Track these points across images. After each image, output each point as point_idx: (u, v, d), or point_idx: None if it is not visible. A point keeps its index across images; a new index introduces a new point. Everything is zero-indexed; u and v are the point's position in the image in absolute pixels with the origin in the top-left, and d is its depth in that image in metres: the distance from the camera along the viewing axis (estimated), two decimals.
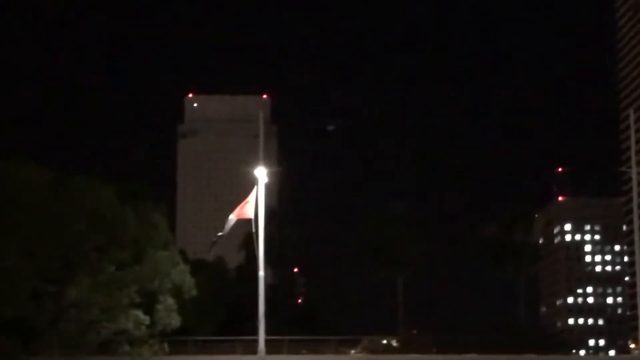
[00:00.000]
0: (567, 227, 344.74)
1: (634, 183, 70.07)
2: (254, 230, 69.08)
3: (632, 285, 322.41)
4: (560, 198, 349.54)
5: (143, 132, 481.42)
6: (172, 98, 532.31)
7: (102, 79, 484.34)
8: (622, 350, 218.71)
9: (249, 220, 66.38)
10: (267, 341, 74.46)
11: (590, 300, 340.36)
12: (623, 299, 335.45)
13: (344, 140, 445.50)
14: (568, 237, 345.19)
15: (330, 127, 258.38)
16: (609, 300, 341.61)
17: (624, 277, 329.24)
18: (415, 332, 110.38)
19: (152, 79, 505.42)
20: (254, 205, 67.97)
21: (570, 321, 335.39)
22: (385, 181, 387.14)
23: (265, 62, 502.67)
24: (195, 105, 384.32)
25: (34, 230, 68.46)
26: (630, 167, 73.10)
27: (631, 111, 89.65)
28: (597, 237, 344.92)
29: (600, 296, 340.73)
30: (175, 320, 76.47)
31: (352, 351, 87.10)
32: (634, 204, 69.72)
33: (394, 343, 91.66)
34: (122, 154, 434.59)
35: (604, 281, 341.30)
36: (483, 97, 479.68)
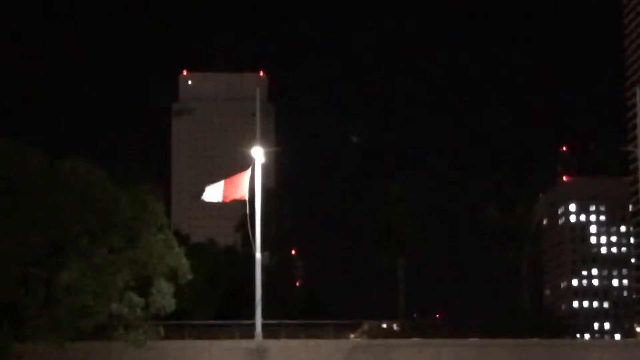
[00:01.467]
0: (572, 207, 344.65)
1: None
2: (248, 211, 69.08)
3: (638, 267, 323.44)
4: (564, 178, 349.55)
5: (135, 110, 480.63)
6: (165, 75, 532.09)
7: (93, 57, 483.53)
8: (628, 334, 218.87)
9: (244, 201, 66.38)
10: (264, 325, 74.70)
11: (596, 282, 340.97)
12: (629, 282, 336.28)
13: (343, 120, 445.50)
14: (573, 218, 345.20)
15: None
16: (615, 282, 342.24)
17: (630, 259, 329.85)
18: (415, 316, 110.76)
19: (145, 56, 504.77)
20: (248, 186, 67.91)
21: (575, 304, 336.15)
22: (385, 161, 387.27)
23: (262, 38, 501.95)
24: (189, 82, 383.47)
25: (23, 214, 68.40)
26: (636, 147, 73.13)
27: (637, 89, 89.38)
28: (602, 217, 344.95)
29: (605, 278, 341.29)
30: (170, 303, 76.62)
31: (352, 335, 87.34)
32: None
33: (395, 327, 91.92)
34: (114, 133, 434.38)
35: (610, 263, 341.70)
36: (487, 74, 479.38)
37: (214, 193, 65.55)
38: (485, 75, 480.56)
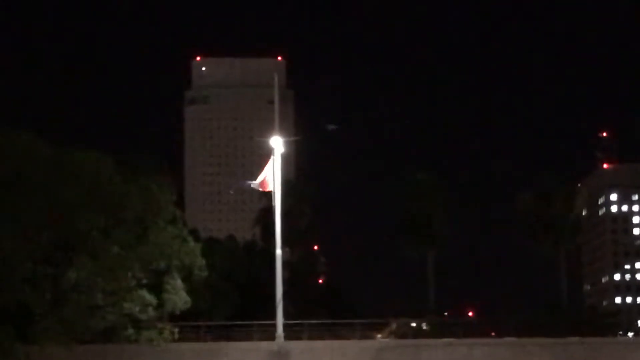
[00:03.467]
0: (613, 197, 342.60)
1: None
2: (273, 204, 68.93)
3: None
4: (605, 165, 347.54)
5: (147, 99, 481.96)
6: (178, 61, 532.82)
7: (102, 44, 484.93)
8: None
9: (263, 193, 66.46)
10: (285, 326, 74.53)
11: (639, 277, 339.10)
12: None
13: (365, 106, 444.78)
14: (614, 208, 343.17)
15: (331, 127, 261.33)
16: None
17: None
18: (446, 314, 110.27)
19: (157, 41, 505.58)
20: (271, 177, 67.92)
21: (617, 300, 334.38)
22: (412, 148, 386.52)
23: (280, 21, 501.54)
24: (203, 69, 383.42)
25: (31, 209, 68.67)
26: None
27: None
28: None
29: None
30: (185, 300, 76.67)
31: (379, 335, 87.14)
32: None
33: (424, 326, 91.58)
34: (125, 123, 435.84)
35: None
36: (525, 58, 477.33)
37: (259, 181, 66.18)
38: (523, 60, 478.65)
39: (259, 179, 67.41)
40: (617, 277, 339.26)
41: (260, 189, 70.01)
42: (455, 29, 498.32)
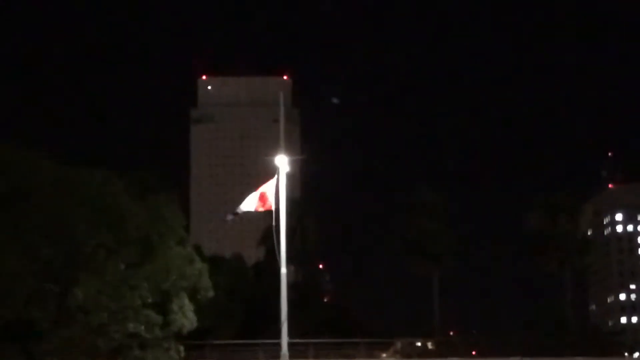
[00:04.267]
0: (619, 216, 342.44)
1: None
2: (273, 223, 68.97)
3: None
4: (610, 185, 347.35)
5: (152, 117, 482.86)
6: (184, 80, 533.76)
7: (107, 60, 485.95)
8: None
9: (269, 212, 66.50)
10: (290, 345, 74.37)
11: None
12: None
13: (369, 123, 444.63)
14: (619, 228, 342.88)
15: (335, 100, 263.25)
16: None
17: None
18: (452, 333, 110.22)
19: (162, 59, 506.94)
20: (274, 196, 67.90)
21: (623, 320, 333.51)
22: (419, 165, 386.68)
23: (286, 40, 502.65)
24: (209, 87, 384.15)
25: (35, 227, 68.69)
26: None
27: None
28: None
29: None
30: (191, 321, 76.66)
31: (384, 355, 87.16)
32: None
33: (430, 345, 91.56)
34: (130, 141, 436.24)
35: None
36: (530, 75, 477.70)
37: (250, 203, 65.92)
38: (528, 77, 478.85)
39: (250, 201, 67.14)
40: (622, 297, 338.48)
41: (261, 210, 69.77)
42: (462, 47, 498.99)
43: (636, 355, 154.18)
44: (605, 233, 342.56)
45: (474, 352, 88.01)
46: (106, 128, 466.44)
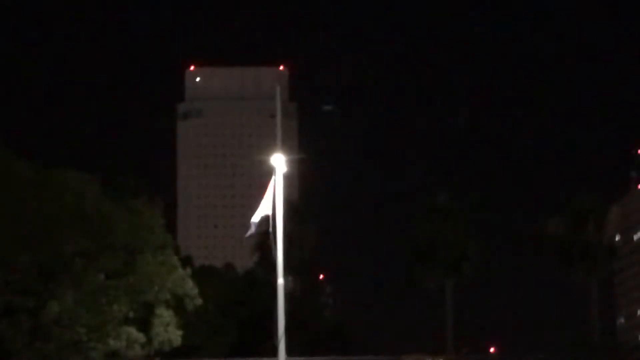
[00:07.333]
0: None
1: None
2: (270, 229, 68.77)
3: None
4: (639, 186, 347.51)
5: (136, 112, 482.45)
6: (170, 71, 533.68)
7: (88, 50, 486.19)
8: None
9: (266, 217, 66.33)
10: None
11: None
12: None
13: (374, 120, 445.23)
14: None
15: (328, 107, 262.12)
16: None
17: None
18: (466, 350, 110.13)
19: (147, 49, 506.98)
20: (270, 200, 67.68)
21: None
22: (427, 168, 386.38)
23: (282, 27, 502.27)
24: (197, 79, 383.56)
25: (8, 232, 68.64)
26: None
27: None
28: None
29: None
30: (175, 336, 76.64)
31: None
32: None
33: None
34: (111, 139, 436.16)
35: None
36: (553, 70, 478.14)
37: (264, 208, 65.73)
38: (550, 73, 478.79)
39: (262, 209, 67.14)
40: None
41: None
42: (468, 45, 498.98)
43: None
44: (635, 238, 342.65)
45: None
46: (85, 126, 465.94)
